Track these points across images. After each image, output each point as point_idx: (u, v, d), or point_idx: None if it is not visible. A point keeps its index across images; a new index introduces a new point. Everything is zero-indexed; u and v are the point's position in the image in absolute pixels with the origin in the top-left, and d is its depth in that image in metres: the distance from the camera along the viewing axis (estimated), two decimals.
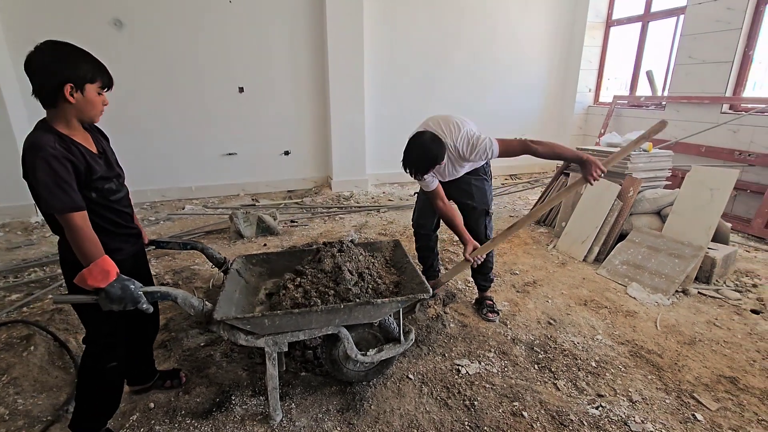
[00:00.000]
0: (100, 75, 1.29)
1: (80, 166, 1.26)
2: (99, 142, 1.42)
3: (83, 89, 1.25)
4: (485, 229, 2.40)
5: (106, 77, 1.31)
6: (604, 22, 5.95)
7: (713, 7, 4.28)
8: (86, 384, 1.50)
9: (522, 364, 2.05)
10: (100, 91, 1.31)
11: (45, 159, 1.17)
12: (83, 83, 1.25)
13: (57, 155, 1.19)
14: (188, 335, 2.25)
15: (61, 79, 1.21)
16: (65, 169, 1.21)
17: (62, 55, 1.22)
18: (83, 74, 1.24)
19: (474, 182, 2.34)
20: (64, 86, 1.22)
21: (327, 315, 1.56)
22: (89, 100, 1.28)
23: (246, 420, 1.69)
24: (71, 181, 1.22)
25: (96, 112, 1.33)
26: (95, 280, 1.20)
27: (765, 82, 5.22)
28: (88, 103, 1.28)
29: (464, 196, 2.37)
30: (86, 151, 1.31)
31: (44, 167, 1.17)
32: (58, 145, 1.22)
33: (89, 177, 1.30)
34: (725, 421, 1.70)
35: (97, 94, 1.30)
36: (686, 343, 2.21)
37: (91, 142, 1.38)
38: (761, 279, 2.93)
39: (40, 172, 1.17)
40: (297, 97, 5.21)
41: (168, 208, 4.71)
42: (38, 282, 2.88)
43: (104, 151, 1.42)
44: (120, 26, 4.34)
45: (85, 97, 1.26)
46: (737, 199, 4.08)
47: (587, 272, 3.06)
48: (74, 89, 1.23)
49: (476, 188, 2.34)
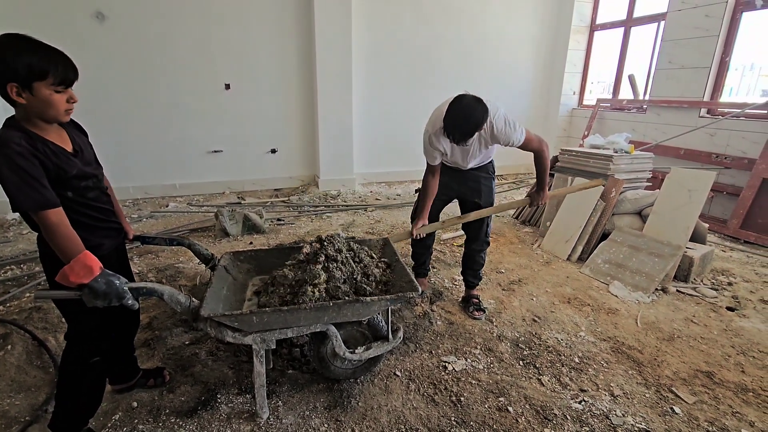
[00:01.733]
0: (52, 71, 1.14)
1: (49, 165, 1.19)
2: (76, 140, 1.34)
3: (31, 88, 1.13)
4: (486, 227, 2.43)
5: (58, 72, 1.15)
6: (588, 26, 6.08)
7: (692, 14, 4.42)
8: (67, 381, 1.46)
9: (507, 361, 2.08)
10: (57, 88, 1.17)
11: (9, 156, 1.10)
12: (29, 82, 1.12)
13: (22, 152, 1.12)
14: (172, 333, 2.22)
15: (4, 78, 1.11)
16: (32, 166, 1.14)
17: (3, 52, 1.10)
18: (25, 72, 1.11)
19: (483, 181, 2.38)
20: (7, 87, 1.12)
21: (316, 312, 1.55)
22: (42, 99, 1.15)
23: (232, 418, 1.67)
24: (40, 178, 1.15)
25: (56, 112, 1.20)
26: (78, 276, 1.17)
27: (741, 88, 5.42)
28: (43, 103, 1.16)
29: (473, 195, 2.38)
30: (58, 150, 1.23)
31: (10, 164, 1.11)
32: (24, 141, 1.14)
33: (62, 176, 1.23)
34: (702, 413, 1.76)
35: (54, 92, 1.17)
36: (665, 339, 2.28)
37: (67, 139, 1.31)
38: (736, 278, 3.03)
39: (6, 169, 1.11)
40: (284, 95, 5.17)
41: (151, 206, 4.63)
42: (15, 280, 2.80)
43: (81, 150, 1.34)
44: (102, 19, 4.24)
45: (35, 97, 1.14)
46: (714, 200, 4.21)
47: (571, 271, 3.12)
48: (20, 89, 1.12)
49: (485, 187, 2.38)
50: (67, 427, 1.50)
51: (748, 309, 2.61)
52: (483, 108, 1.88)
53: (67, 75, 1.18)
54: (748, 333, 2.34)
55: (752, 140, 3.98)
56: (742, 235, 3.76)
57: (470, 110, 1.85)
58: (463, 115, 1.85)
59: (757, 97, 5.10)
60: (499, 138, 2.09)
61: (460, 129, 1.86)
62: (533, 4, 5.97)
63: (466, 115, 1.85)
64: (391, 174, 5.99)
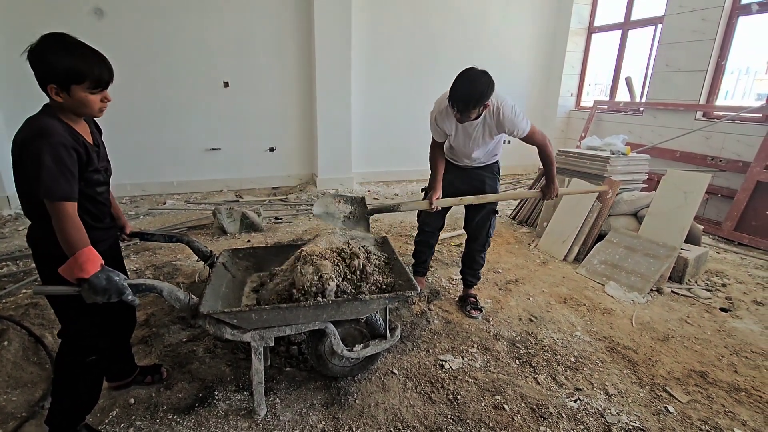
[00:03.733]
0: (88, 75, 1.20)
1: (83, 157, 1.26)
2: (95, 135, 1.41)
3: (69, 90, 1.20)
4: (488, 228, 2.44)
5: (94, 76, 1.22)
6: (586, 28, 6.11)
7: (689, 17, 4.45)
8: (64, 379, 1.46)
9: (504, 360, 2.10)
10: (92, 91, 1.23)
11: (54, 145, 1.17)
12: (67, 84, 1.19)
13: (66, 143, 1.19)
14: (170, 331, 2.22)
15: (45, 79, 1.18)
16: (71, 159, 1.21)
17: (44, 54, 1.17)
18: (63, 75, 1.17)
19: (488, 181, 2.39)
20: (47, 87, 1.19)
21: (314, 310, 1.56)
22: (78, 99, 1.22)
23: (230, 415, 1.68)
24: (75, 171, 1.22)
25: (91, 110, 1.27)
26: (80, 270, 1.18)
27: (736, 92, 5.46)
28: (78, 103, 1.23)
29: (477, 193, 2.37)
30: (87, 143, 1.31)
31: (53, 153, 1.16)
32: (67, 134, 1.21)
33: (86, 168, 1.29)
34: (695, 412, 1.78)
35: (90, 93, 1.23)
36: (660, 339, 2.30)
37: (89, 134, 1.37)
38: (730, 279, 3.06)
39: (48, 157, 1.15)
40: (283, 93, 5.17)
41: (148, 203, 4.61)
42: (11, 276, 2.79)
43: (100, 145, 1.41)
44: (101, 15, 4.22)
45: (72, 98, 1.21)
46: (709, 202, 4.25)
47: (567, 271, 3.14)
48: (59, 90, 1.19)
49: (489, 187, 2.39)
50: (64, 424, 1.50)
51: (742, 310, 2.64)
52: (489, 80, 1.89)
53: (102, 78, 1.24)
54: (741, 334, 2.37)
55: (747, 143, 4.02)
56: (736, 237, 3.80)
57: (476, 79, 1.87)
58: (469, 83, 1.87)
59: (752, 100, 5.15)
60: (505, 124, 2.09)
61: (465, 98, 1.87)
62: (532, 5, 5.99)
63: (471, 83, 1.87)
64: (390, 173, 6.00)
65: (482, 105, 1.92)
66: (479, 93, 1.87)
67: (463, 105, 1.89)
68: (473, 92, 1.86)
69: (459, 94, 1.88)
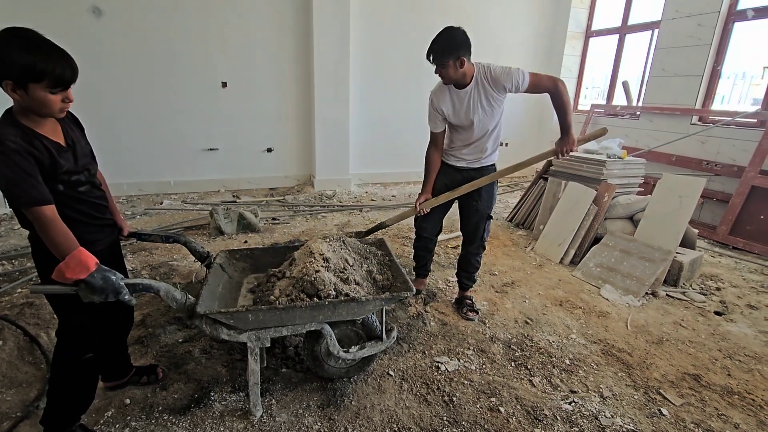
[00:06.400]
0: (48, 74, 1.13)
1: (44, 161, 1.20)
2: (69, 134, 1.34)
3: (26, 88, 1.13)
4: (483, 232, 2.41)
5: (54, 75, 1.15)
6: (583, 32, 6.14)
7: (686, 23, 4.49)
8: (59, 377, 1.46)
9: (499, 362, 2.10)
10: (52, 90, 1.16)
11: (4, 153, 1.11)
12: (24, 82, 1.12)
13: (18, 149, 1.13)
14: (166, 331, 2.21)
15: (1, 75, 1.12)
16: (28, 163, 1.15)
17: (1, 50, 1.10)
18: (20, 72, 1.11)
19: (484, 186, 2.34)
20: (3, 83, 1.13)
21: (311, 311, 1.56)
22: (35, 98, 1.15)
23: (225, 416, 1.68)
24: (35, 175, 1.16)
25: (50, 111, 1.21)
26: (74, 272, 1.17)
27: (732, 97, 5.51)
28: (36, 102, 1.16)
29: (472, 198, 2.34)
30: (52, 145, 1.24)
31: (5, 161, 1.12)
32: (19, 139, 1.15)
33: (54, 171, 1.24)
34: (688, 415, 1.79)
35: (49, 93, 1.16)
36: (654, 342, 2.32)
37: (60, 133, 1.31)
38: (724, 283, 3.08)
39: (2, 166, 1.12)
40: (281, 94, 5.17)
41: (145, 203, 4.61)
42: (6, 275, 2.77)
43: (73, 143, 1.34)
44: (99, 14, 4.22)
45: (30, 96, 1.15)
46: (704, 206, 4.28)
47: (563, 274, 3.15)
48: (15, 87, 1.13)
49: (485, 190, 2.33)
50: (58, 424, 1.49)
51: (736, 314, 2.66)
52: (463, 33, 1.99)
53: (63, 78, 1.17)
54: (734, 337, 2.39)
55: (742, 148, 4.05)
56: (731, 241, 3.82)
57: (451, 31, 1.99)
58: (444, 34, 1.99)
59: (747, 105, 5.20)
60: (500, 79, 2.06)
61: (440, 45, 1.96)
62: (530, 9, 6.03)
63: (447, 33, 1.98)
64: (387, 175, 6.01)
65: (455, 55, 1.97)
66: (454, 41, 1.96)
67: (437, 53, 1.97)
68: (448, 39, 1.96)
69: (434, 43, 1.98)
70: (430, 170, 2.33)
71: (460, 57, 1.97)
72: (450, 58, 1.97)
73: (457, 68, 2.01)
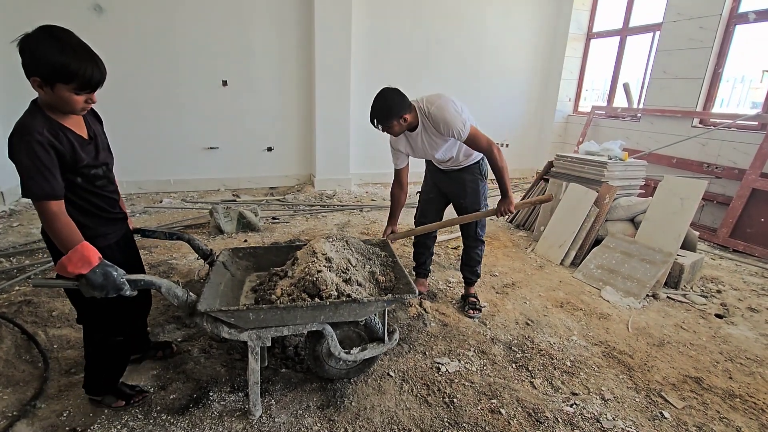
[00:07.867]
0: (77, 77, 1.16)
1: (66, 154, 1.23)
2: (91, 126, 1.38)
3: (53, 86, 1.16)
4: (476, 227, 2.46)
5: (83, 79, 1.18)
6: (585, 34, 6.14)
7: (687, 25, 4.49)
8: (94, 356, 1.59)
9: (500, 363, 2.09)
10: (78, 92, 1.20)
11: (29, 144, 1.15)
12: (52, 81, 1.16)
13: (42, 141, 1.16)
14: (165, 330, 2.20)
15: (30, 70, 1.15)
16: (49, 156, 1.17)
17: (37, 45, 1.13)
18: (50, 72, 1.14)
19: (468, 183, 2.40)
20: (31, 78, 1.16)
21: (312, 311, 1.55)
22: (60, 97, 1.19)
23: (224, 416, 1.66)
24: (53, 169, 1.19)
25: (72, 109, 1.24)
26: (75, 266, 1.17)
27: (732, 99, 5.51)
28: (60, 99, 1.19)
29: (458, 195, 2.43)
30: (75, 138, 1.27)
31: (28, 152, 1.15)
32: (45, 131, 1.18)
33: (75, 164, 1.27)
34: (690, 418, 1.78)
35: (75, 93, 1.20)
36: (655, 344, 2.31)
37: (83, 126, 1.34)
38: (725, 285, 3.08)
39: (23, 156, 1.14)
40: (282, 93, 5.16)
41: (145, 201, 4.59)
42: (4, 273, 2.75)
43: (95, 137, 1.38)
44: (100, 11, 4.20)
45: (55, 94, 1.18)
46: (705, 209, 4.28)
47: (564, 275, 3.15)
48: (42, 83, 1.16)
49: (470, 189, 2.40)
50: (100, 388, 1.64)
51: (737, 316, 2.66)
52: (397, 94, 2.05)
53: (91, 82, 1.20)
54: (736, 340, 2.38)
55: (742, 151, 4.05)
56: (732, 243, 3.82)
57: (385, 95, 2.05)
58: (379, 100, 2.05)
59: (747, 108, 5.20)
60: (439, 127, 2.11)
61: (376, 112, 2.04)
62: (531, 11, 6.02)
63: (382, 99, 2.04)
64: (388, 175, 5.93)
65: (396, 117, 2.04)
66: (387, 107, 2.03)
67: (381, 119, 2.05)
68: (383, 106, 2.03)
69: (372, 111, 2.06)
70: (395, 207, 2.41)
71: (402, 115, 2.06)
72: (393, 119, 2.05)
73: (401, 124, 2.10)
